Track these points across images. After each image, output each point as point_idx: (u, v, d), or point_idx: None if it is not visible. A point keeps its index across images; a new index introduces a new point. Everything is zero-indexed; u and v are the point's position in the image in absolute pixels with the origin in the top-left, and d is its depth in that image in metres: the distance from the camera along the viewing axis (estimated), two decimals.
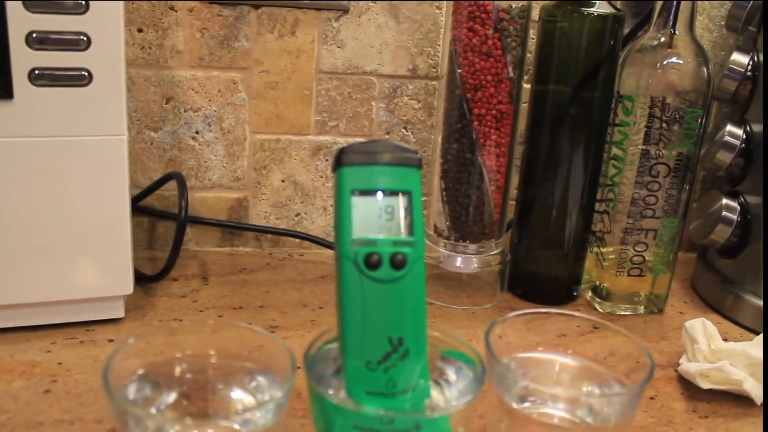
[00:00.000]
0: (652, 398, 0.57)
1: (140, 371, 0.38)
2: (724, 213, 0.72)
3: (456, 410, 0.38)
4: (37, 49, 0.51)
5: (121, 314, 0.61)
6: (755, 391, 0.56)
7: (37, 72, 0.52)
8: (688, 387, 0.58)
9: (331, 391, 0.39)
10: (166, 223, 0.76)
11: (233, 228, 0.77)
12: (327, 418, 0.37)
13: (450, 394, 0.41)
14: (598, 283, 0.71)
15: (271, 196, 0.77)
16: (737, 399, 0.57)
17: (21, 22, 0.50)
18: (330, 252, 0.77)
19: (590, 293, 0.72)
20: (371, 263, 0.39)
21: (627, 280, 0.70)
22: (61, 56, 0.52)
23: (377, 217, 0.40)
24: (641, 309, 0.71)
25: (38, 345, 0.57)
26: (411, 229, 0.40)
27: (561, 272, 0.72)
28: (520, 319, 0.48)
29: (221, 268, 0.73)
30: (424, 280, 0.40)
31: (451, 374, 0.42)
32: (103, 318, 0.61)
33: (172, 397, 0.39)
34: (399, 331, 0.39)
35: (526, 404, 0.42)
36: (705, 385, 0.56)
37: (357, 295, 0.39)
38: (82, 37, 0.52)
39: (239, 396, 0.40)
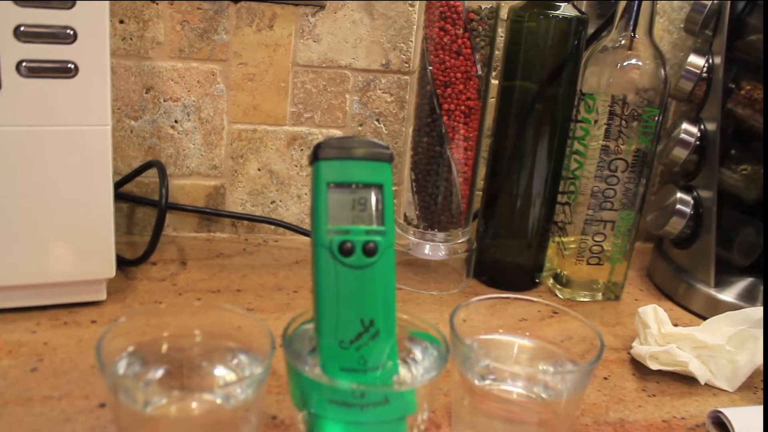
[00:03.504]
0: (605, 378, 0.61)
1: (130, 348, 0.41)
2: (678, 206, 0.76)
3: (422, 385, 0.41)
4: (25, 42, 0.53)
5: (103, 297, 0.64)
6: (699, 371, 0.60)
7: (24, 64, 0.54)
8: (639, 368, 0.62)
9: (307, 368, 0.43)
10: (144, 209, 0.78)
11: (210, 214, 0.79)
12: (304, 392, 0.40)
13: (416, 371, 0.44)
14: (559, 270, 0.75)
15: (248, 184, 0.80)
16: (683, 379, 0.61)
17: (10, 15, 0.52)
18: (304, 238, 0.80)
19: (551, 280, 0.76)
20: (345, 250, 0.42)
21: (586, 268, 0.74)
22: (48, 49, 0.54)
23: (351, 207, 0.43)
24: (599, 296, 0.75)
25: (24, 326, 0.59)
26: (382, 219, 0.43)
27: (524, 260, 0.75)
28: (483, 303, 0.51)
29: (199, 253, 0.76)
30: (394, 266, 0.43)
31: (417, 353, 0.45)
32: (85, 300, 0.63)
33: (159, 373, 0.42)
34: (370, 313, 0.42)
35: (487, 382, 0.46)
36: (654, 366, 0.60)
37: (331, 280, 0.42)
38: (68, 30, 0.54)
39: (222, 373, 0.43)
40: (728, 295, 0.74)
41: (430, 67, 0.67)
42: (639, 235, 0.85)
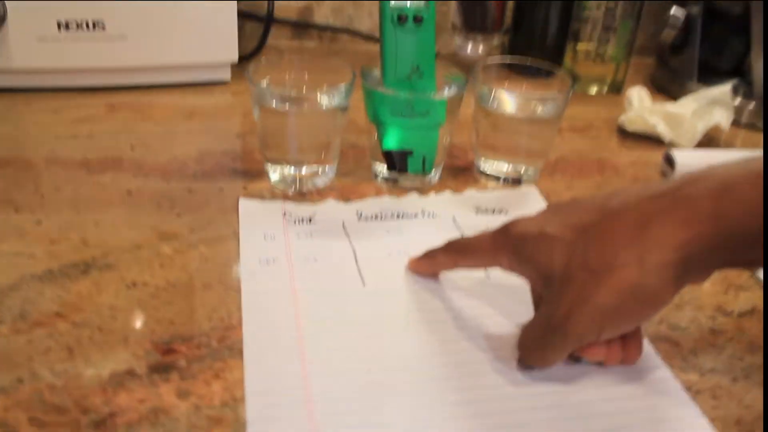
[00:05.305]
0: (594, 137, 0.82)
1: (266, 78, 0.65)
2: (671, 20, 0.94)
3: (449, 96, 0.64)
4: None
5: (228, 78, 0.88)
6: (665, 132, 0.81)
7: None
8: (622, 133, 0.84)
9: None
10: (250, 23, 1.00)
11: (302, 26, 1.02)
12: (375, 108, 0.64)
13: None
14: (573, 71, 0.96)
15: (331, 2, 1.01)
16: (654, 140, 0.82)
17: None
18: (374, 45, 1.02)
19: None
20: (401, 19, 0.64)
21: (595, 67, 0.94)
22: None
23: None
24: (605, 89, 0.96)
25: (176, 95, 0.84)
26: (428, 1, 0.65)
27: None
28: (498, 66, 0.72)
29: (294, 55, 0.99)
30: (434, 33, 0.65)
31: (446, 89, 0.66)
32: (216, 79, 0.87)
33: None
34: (417, 61, 0.64)
35: (494, 106, 0.67)
36: (630, 128, 0.82)
37: (392, 39, 0.64)
38: None
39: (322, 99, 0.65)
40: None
41: None
42: (646, 51, 1.05)
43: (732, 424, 0.45)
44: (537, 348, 0.46)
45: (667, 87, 0.98)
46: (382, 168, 0.67)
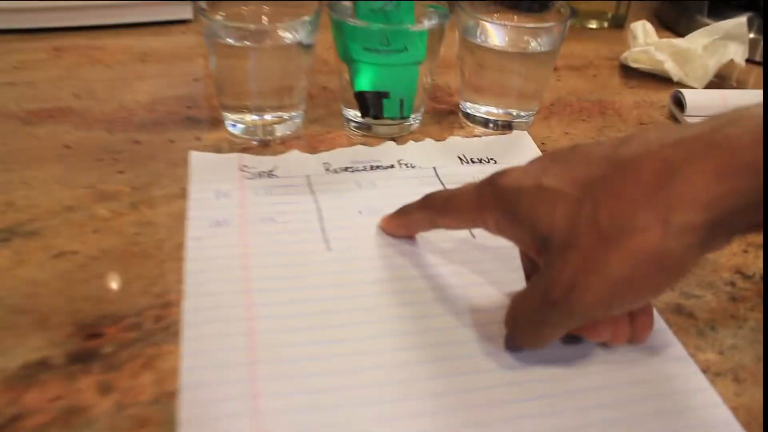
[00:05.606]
0: (594, 75, 0.74)
1: (220, 14, 0.56)
2: None
3: (430, 28, 0.55)
4: None
5: (189, 16, 0.79)
6: (673, 70, 0.73)
7: None
8: (626, 70, 0.76)
9: None
10: None
11: None
12: (346, 44, 0.55)
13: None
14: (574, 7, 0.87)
15: None
16: (662, 79, 0.74)
17: None
18: None
19: None
20: None
21: (596, 3, 0.86)
22: None
23: None
24: (606, 24, 0.87)
25: (131, 36, 0.76)
26: None
27: None
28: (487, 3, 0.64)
29: None
30: None
31: (425, 21, 0.58)
32: (174, 18, 0.79)
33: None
34: None
35: (482, 40, 0.59)
36: (634, 64, 0.74)
37: None
38: None
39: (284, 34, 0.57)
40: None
41: None
42: None
43: (758, 413, 0.38)
44: (530, 325, 0.38)
45: (674, 23, 0.90)
46: (354, 113, 0.60)
